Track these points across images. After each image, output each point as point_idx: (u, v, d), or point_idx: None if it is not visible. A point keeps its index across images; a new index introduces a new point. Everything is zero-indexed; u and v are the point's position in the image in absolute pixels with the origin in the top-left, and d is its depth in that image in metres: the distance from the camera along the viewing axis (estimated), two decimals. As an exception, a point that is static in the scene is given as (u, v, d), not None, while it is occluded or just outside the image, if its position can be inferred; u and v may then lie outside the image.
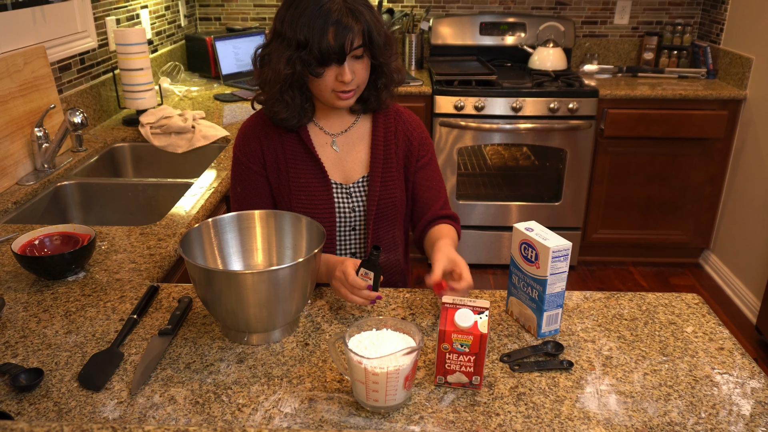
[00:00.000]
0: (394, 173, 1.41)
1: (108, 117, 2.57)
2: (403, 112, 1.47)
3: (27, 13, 2.05)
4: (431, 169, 1.46)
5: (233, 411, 0.95)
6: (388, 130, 1.42)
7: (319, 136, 1.40)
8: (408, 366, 0.92)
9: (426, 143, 1.46)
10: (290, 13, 1.25)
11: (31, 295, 1.27)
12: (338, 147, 1.40)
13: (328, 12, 1.21)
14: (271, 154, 1.38)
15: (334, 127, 1.41)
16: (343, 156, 1.40)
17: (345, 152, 1.40)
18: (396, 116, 1.44)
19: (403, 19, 3.43)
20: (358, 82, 1.29)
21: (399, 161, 1.42)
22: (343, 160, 1.40)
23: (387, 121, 1.43)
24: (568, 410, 0.96)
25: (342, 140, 1.41)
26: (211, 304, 1.07)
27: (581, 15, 3.56)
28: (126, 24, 2.75)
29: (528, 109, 3.00)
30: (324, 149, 1.40)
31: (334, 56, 1.23)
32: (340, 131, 1.41)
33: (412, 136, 1.44)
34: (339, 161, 1.40)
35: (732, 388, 1.02)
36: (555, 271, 1.09)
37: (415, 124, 1.46)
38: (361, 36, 1.25)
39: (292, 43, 1.24)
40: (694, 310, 1.24)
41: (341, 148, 1.40)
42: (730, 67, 3.17)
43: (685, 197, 3.21)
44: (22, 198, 1.80)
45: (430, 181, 1.45)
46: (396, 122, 1.43)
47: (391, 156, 1.41)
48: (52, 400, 0.97)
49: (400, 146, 1.42)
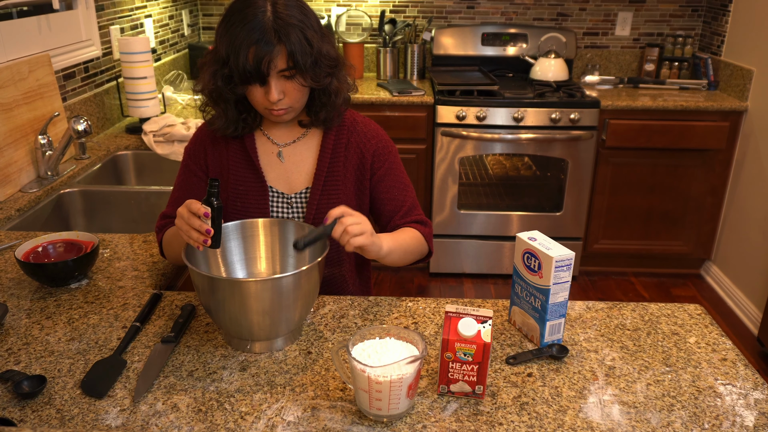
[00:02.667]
0: (340, 187, 1.36)
1: (111, 125, 2.58)
2: (359, 123, 1.41)
3: (32, 22, 2.07)
4: (391, 180, 1.40)
5: (236, 419, 0.95)
6: (339, 143, 1.38)
7: (265, 145, 1.39)
8: (411, 375, 0.92)
9: (382, 154, 1.39)
10: (222, 24, 1.22)
11: (34, 302, 1.27)
12: (284, 158, 1.38)
13: (251, 30, 1.16)
14: (215, 160, 1.38)
15: (282, 137, 1.39)
16: (289, 167, 1.38)
17: (291, 163, 1.38)
18: (351, 128, 1.39)
19: (406, 29, 3.45)
20: (290, 102, 1.26)
21: (348, 175, 1.38)
22: (289, 171, 1.38)
23: (339, 134, 1.38)
24: (571, 420, 0.96)
25: (289, 151, 1.39)
26: (214, 312, 1.07)
27: (583, 26, 3.58)
28: (130, 33, 2.77)
29: (529, 119, 3.01)
30: (269, 158, 1.38)
31: (253, 77, 1.20)
32: (288, 142, 1.39)
33: (365, 148, 1.38)
34: (284, 171, 1.38)
35: (735, 399, 1.02)
36: (558, 281, 1.09)
37: (371, 134, 1.40)
38: (285, 58, 1.19)
39: (218, 57, 1.23)
40: (696, 320, 1.24)
41: (287, 159, 1.38)
42: (731, 79, 3.18)
43: (687, 208, 3.21)
44: (26, 205, 1.80)
45: (390, 192, 1.40)
46: (349, 134, 1.39)
47: (337, 169, 1.36)
48: (54, 408, 0.97)
49: (351, 159, 1.38)
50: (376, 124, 1.45)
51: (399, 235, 1.32)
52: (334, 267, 1.40)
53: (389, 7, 3.54)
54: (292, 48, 1.18)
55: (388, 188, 1.40)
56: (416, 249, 1.35)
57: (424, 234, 1.39)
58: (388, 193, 1.40)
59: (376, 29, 3.52)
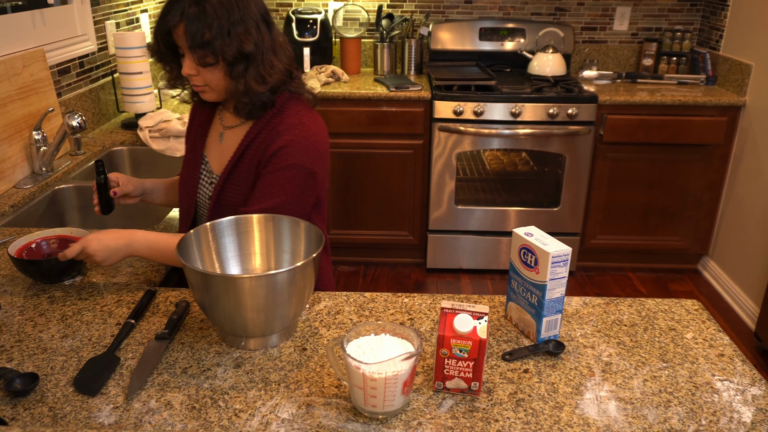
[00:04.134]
0: (242, 177, 1.39)
1: (107, 120, 2.57)
2: (285, 124, 1.37)
3: (26, 17, 2.05)
4: (268, 180, 1.35)
5: (230, 416, 0.94)
6: (258, 136, 1.39)
7: (216, 125, 1.50)
8: (406, 371, 0.92)
9: (280, 157, 1.35)
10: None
11: (27, 298, 1.26)
12: (223, 140, 1.47)
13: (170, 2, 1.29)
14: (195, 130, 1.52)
15: (228, 120, 1.48)
16: (224, 150, 1.46)
17: (226, 146, 1.46)
18: (276, 127, 1.37)
19: (403, 24, 3.43)
20: (204, 80, 1.35)
21: (251, 169, 1.39)
22: (222, 153, 1.46)
23: (263, 129, 1.39)
24: (568, 416, 0.96)
25: (229, 134, 1.46)
26: (208, 309, 1.07)
27: (580, 21, 3.57)
28: (126, 28, 2.75)
29: (527, 114, 3.00)
30: (214, 137, 1.49)
31: (158, 43, 1.35)
32: (231, 126, 1.47)
33: (271, 145, 1.36)
34: (219, 152, 1.47)
35: (733, 395, 1.01)
36: (554, 277, 1.08)
37: (286, 137, 1.35)
38: (185, 35, 1.28)
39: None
40: (694, 316, 1.23)
41: (226, 141, 1.47)
42: (729, 74, 3.18)
43: (684, 203, 3.20)
44: (20, 201, 1.79)
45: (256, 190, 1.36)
46: (270, 130, 1.38)
47: (244, 160, 1.40)
48: (47, 405, 0.96)
49: (256, 156, 1.38)
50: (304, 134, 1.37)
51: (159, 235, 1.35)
52: None
53: (386, 2, 3.52)
54: (189, 26, 1.27)
55: (261, 186, 1.36)
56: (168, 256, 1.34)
57: None
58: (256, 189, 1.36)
59: (374, 24, 3.51)
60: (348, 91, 2.97)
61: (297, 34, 3.27)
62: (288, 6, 3.50)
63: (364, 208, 3.24)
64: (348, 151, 3.10)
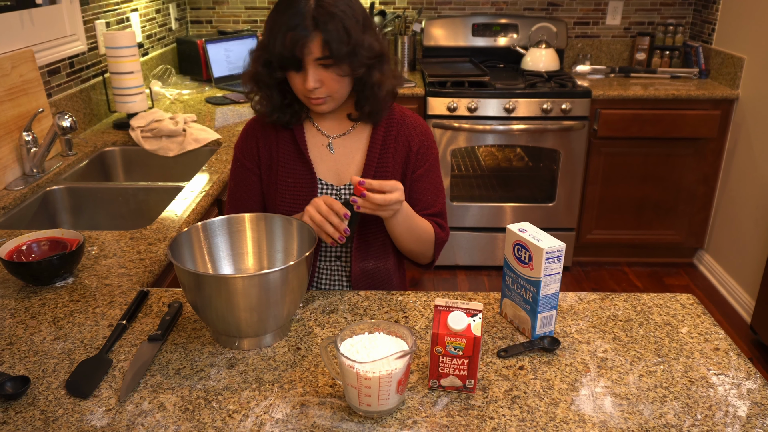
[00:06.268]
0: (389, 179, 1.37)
1: (98, 121, 2.55)
2: (408, 116, 1.41)
3: (15, 17, 2.04)
4: (428, 181, 1.40)
5: (224, 417, 0.94)
6: (388, 136, 1.38)
7: (315, 137, 1.40)
8: (401, 370, 0.91)
9: (426, 152, 1.40)
10: (273, 10, 1.26)
11: (18, 301, 1.25)
12: (334, 149, 1.39)
13: (291, 15, 1.19)
14: (266, 152, 1.39)
15: (332, 129, 1.40)
16: (339, 159, 1.39)
17: (341, 155, 1.39)
18: (400, 120, 1.39)
19: (395, 20, 3.42)
20: (328, 91, 1.27)
21: (396, 167, 1.38)
22: (339, 163, 1.39)
23: (389, 126, 1.38)
24: (563, 413, 0.95)
25: (339, 143, 1.39)
26: (201, 309, 1.06)
27: (573, 16, 3.56)
28: (116, 27, 2.74)
29: (521, 110, 2.99)
30: (319, 150, 1.39)
31: (289, 63, 1.23)
32: (339, 134, 1.40)
33: (413, 142, 1.38)
34: (334, 163, 1.39)
35: (728, 389, 1.01)
36: (549, 273, 1.08)
37: (420, 129, 1.40)
38: (321, 45, 1.20)
39: (262, 42, 1.26)
40: (689, 310, 1.23)
41: (338, 150, 1.39)
42: (722, 67, 3.18)
43: (679, 197, 3.21)
44: (11, 203, 1.77)
45: (423, 193, 1.40)
46: (399, 127, 1.39)
47: (387, 162, 1.37)
48: (38, 409, 0.95)
49: (399, 152, 1.38)
50: (424, 121, 1.45)
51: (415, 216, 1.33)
52: (379, 260, 1.43)
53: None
54: (328, 36, 1.19)
55: (423, 189, 1.40)
56: (422, 237, 1.36)
57: (437, 236, 1.39)
58: (421, 193, 1.40)
59: (366, 21, 3.49)
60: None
61: (289, 31, 3.26)
62: (280, 4, 3.49)
63: (358, 205, 3.23)
64: (342, 149, 3.08)
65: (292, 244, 1.19)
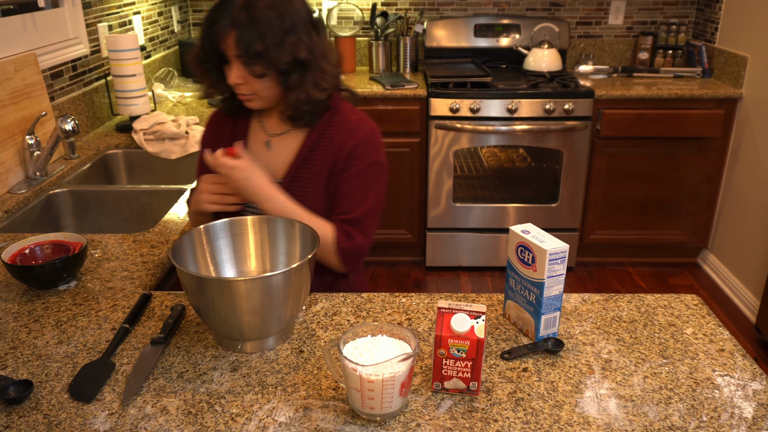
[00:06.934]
0: (311, 183, 1.37)
1: (101, 124, 2.55)
2: (352, 121, 1.39)
3: (17, 20, 2.04)
4: (352, 185, 1.36)
5: (227, 421, 0.93)
6: (322, 139, 1.37)
7: (258, 133, 1.44)
8: (404, 372, 0.91)
9: (358, 156, 1.36)
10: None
11: (21, 305, 1.25)
12: (272, 147, 1.42)
13: (219, 11, 1.25)
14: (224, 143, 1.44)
15: (274, 128, 1.43)
16: (274, 157, 1.42)
17: (276, 153, 1.42)
18: (341, 125, 1.38)
19: (398, 21, 3.42)
20: (251, 89, 1.31)
21: (323, 170, 1.37)
22: (273, 161, 1.41)
23: (326, 129, 1.38)
24: (568, 415, 0.95)
25: (277, 141, 1.42)
26: (203, 312, 1.06)
27: (575, 16, 3.56)
28: (118, 30, 2.74)
29: (523, 110, 2.99)
30: (258, 146, 1.44)
31: (211, 54, 1.30)
32: (278, 132, 1.42)
33: (345, 146, 1.36)
34: (269, 160, 1.42)
35: (733, 390, 1.00)
36: (552, 274, 1.07)
37: (359, 134, 1.37)
38: (235, 43, 1.24)
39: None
40: (693, 311, 1.22)
41: (274, 148, 1.42)
42: (725, 66, 3.17)
43: (683, 197, 3.20)
44: (14, 206, 1.78)
45: (343, 198, 1.37)
46: (336, 130, 1.37)
47: (311, 165, 1.37)
48: (41, 413, 0.95)
49: (329, 155, 1.37)
50: (371, 128, 1.41)
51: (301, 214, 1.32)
52: None
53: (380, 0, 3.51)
54: (241, 35, 1.23)
55: (345, 193, 1.37)
56: None
57: (339, 243, 1.34)
58: (342, 197, 1.37)
59: (368, 22, 3.49)
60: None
61: (291, 33, 3.26)
62: (282, 5, 3.49)
63: (361, 207, 3.23)
64: (344, 151, 3.08)
65: (294, 247, 1.19)
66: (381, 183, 1.40)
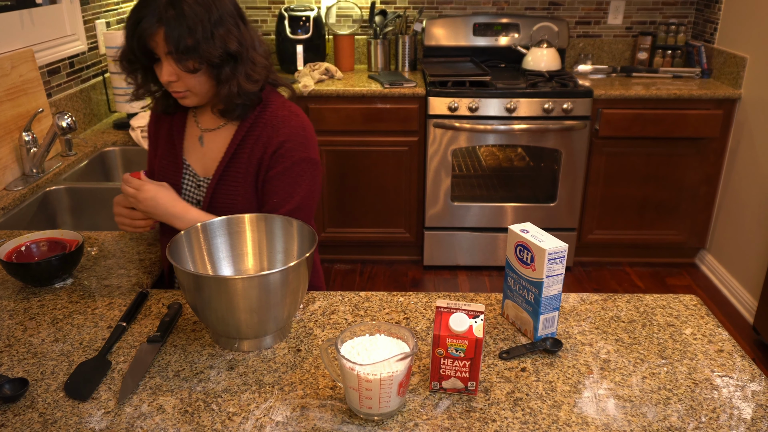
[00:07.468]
0: (240, 178, 1.37)
1: (98, 121, 2.54)
2: (280, 117, 1.37)
3: (14, 17, 2.03)
4: (279, 183, 1.36)
5: (223, 420, 0.93)
6: (250, 135, 1.37)
7: (192, 128, 1.45)
8: (402, 372, 0.90)
9: (285, 154, 1.35)
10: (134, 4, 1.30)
11: (17, 302, 1.24)
12: (204, 143, 1.43)
13: (143, 8, 1.22)
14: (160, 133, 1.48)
15: (207, 123, 1.43)
16: (206, 152, 1.42)
17: (209, 148, 1.42)
18: (269, 121, 1.37)
19: (396, 20, 3.41)
20: (186, 86, 1.30)
21: (250, 167, 1.37)
22: (205, 156, 1.42)
23: (254, 126, 1.37)
24: (566, 415, 0.94)
25: (210, 137, 1.42)
26: (200, 311, 1.05)
27: (575, 15, 3.55)
28: (116, 27, 2.73)
29: (522, 109, 2.98)
30: (192, 141, 1.44)
31: (140, 53, 1.26)
32: (211, 128, 1.43)
33: (272, 143, 1.35)
34: (202, 155, 1.43)
35: (732, 391, 1.00)
36: (551, 273, 1.07)
37: (286, 131, 1.36)
38: (164, 40, 1.22)
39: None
40: (692, 311, 1.22)
41: (207, 144, 1.42)
42: (724, 67, 3.17)
43: (681, 197, 3.20)
44: (10, 203, 1.77)
45: (270, 196, 1.37)
46: (264, 127, 1.36)
47: (239, 162, 1.37)
48: (37, 411, 0.95)
49: (255, 152, 1.36)
50: (302, 124, 1.39)
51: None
52: None
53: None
54: (169, 30, 1.21)
55: (272, 191, 1.37)
56: None
57: None
58: (269, 195, 1.37)
59: (367, 21, 3.48)
60: (342, 89, 2.95)
61: (290, 31, 3.25)
62: (280, 3, 3.48)
63: (359, 206, 3.23)
64: (343, 149, 3.08)
65: (292, 245, 1.19)
66: (310, 179, 1.38)
